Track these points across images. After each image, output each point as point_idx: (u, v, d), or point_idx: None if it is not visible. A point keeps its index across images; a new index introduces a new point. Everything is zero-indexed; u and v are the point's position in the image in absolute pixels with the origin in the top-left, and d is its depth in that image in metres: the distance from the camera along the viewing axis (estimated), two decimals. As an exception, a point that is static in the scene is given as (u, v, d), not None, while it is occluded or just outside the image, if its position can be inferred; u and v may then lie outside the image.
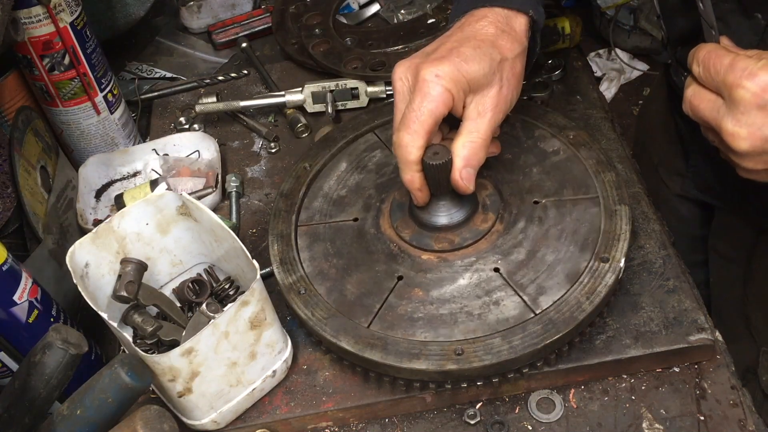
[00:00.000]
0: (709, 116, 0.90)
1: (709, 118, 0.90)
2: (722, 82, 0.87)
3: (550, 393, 0.98)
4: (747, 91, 0.83)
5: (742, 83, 0.84)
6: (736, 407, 0.95)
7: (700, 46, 0.92)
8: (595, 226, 1.02)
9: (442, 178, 1.00)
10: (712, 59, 0.88)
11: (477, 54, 0.96)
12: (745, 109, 0.84)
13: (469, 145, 0.97)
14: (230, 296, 1.06)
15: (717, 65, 0.87)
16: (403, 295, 1.01)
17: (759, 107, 0.83)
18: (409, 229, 1.07)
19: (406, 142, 0.96)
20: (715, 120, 0.89)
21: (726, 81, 0.86)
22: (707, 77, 0.89)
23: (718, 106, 0.88)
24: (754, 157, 0.87)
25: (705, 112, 0.90)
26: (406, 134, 0.96)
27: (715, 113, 0.89)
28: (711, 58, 0.89)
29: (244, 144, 1.40)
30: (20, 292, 0.98)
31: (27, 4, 1.20)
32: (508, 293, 0.99)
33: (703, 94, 0.91)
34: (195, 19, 1.71)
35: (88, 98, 1.33)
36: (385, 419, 1.00)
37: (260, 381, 0.98)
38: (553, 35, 1.40)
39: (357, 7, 1.65)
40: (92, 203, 1.33)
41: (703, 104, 0.91)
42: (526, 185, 1.10)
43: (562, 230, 1.04)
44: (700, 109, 0.91)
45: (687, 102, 0.93)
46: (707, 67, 0.89)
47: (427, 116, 0.95)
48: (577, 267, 0.98)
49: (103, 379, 0.83)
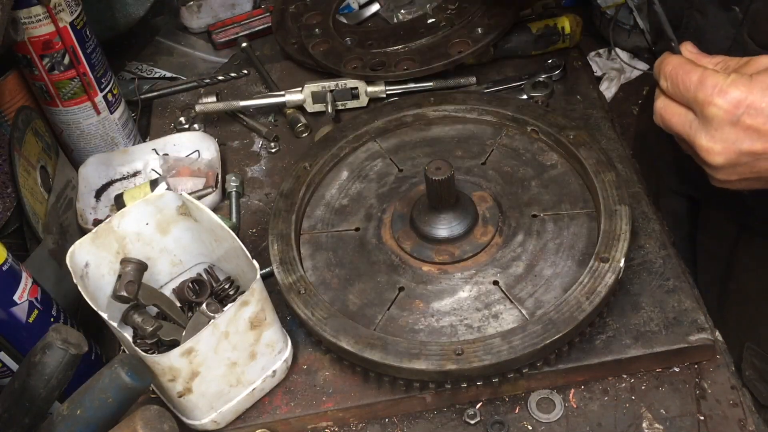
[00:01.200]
0: (682, 130, 0.90)
1: (682, 132, 0.90)
2: (693, 98, 0.87)
3: (550, 393, 0.98)
4: (719, 108, 0.84)
5: (713, 101, 0.84)
6: (736, 407, 0.95)
7: (666, 60, 0.91)
8: (592, 241, 1.03)
9: (444, 192, 1.02)
10: (680, 75, 0.88)
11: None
12: (718, 126, 0.84)
13: None
14: (230, 296, 1.06)
15: (686, 81, 0.87)
16: (405, 306, 1.02)
17: (731, 123, 0.83)
18: (410, 240, 1.07)
19: None
20: (688, 134, 0.89)
21: (697, 98, 0.86)
22: (676, 92, 0.89)
23: (689, 120, 0.88)
24: (727, 169, 0.87)
25: (677, 126, 0.90)
26: None
27: (687, 128, 0.89)
28: (679, 73, 0.88)
29: (244, 144, 1.40)
30: (20, 292, 0.98)
31: (27, 3, 1.20)
32: (507, 306, 1.00)
33: (672, 107, 0.91)
34: (195, 19, 1.71)
35: (88, 98, 1.33)
36: (385, 419, 1.00)
37: (260, 381, 0.98)
38: (553, 35, 1.40)
39: (357, 7, 1.65)
40: (92, 203, 1.33)
41: (674, 118, 0.91)
42: (524, 198, 1.11)
43: (559, 244, 1.05)
44: (672, 123, 0.91)
45: (658, 115, 0.93)
46: (676, 83, 0.89)
47: None
48: (574, 281, 0.98)
49: (103, 379, 0.83)
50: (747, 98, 0.82)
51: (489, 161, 1.18)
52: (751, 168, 0.86)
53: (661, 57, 0.93)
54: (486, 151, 1.19)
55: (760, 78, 0.83)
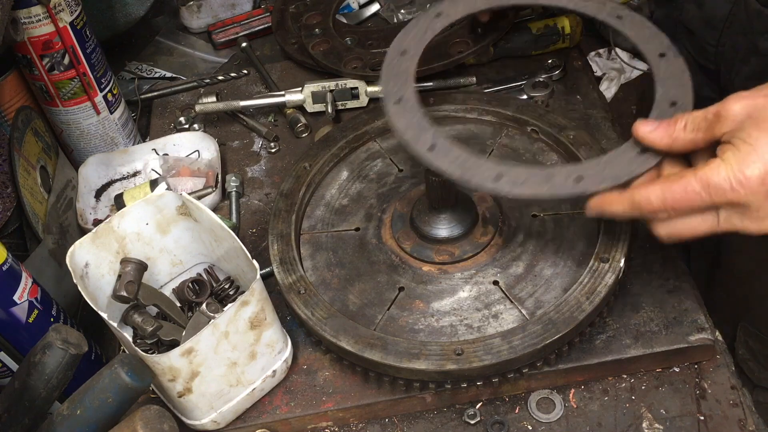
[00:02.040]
0: (718, 230, 0.82)
1: (719, 231, 0.82)
2: (711, 204, 0.79)
3: (550, 393, 0.98)
4: (750, 194, 0.77)
5: (740, 193, 0.77)
6: (736, 407, 0.95)
7: (645, 196, 0.83)
8: (592, 241, 1.03)
9: (444, 192, 1.02)
10: (677, 197, 0.80)
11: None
12: (758, 205, 0.77)
13: None
14: (230, 296, 1.06)
15: (690, 198, 0.80)
16: (405, 306, 1.02)
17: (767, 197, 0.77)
18: (410, 240, 1.07)
19: None
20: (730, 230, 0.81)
21: (716, 201, 0.79)
22: (686, 211, 0.82)
23: (721, 220, 0.81)
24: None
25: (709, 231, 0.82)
26: None
27: (725, 226, 0.81)
28: (674, 198, 0.81)
29: (244, 144, 1.40)
30: (20, 292, 0.98)
31: (27, 3, 1.20)
32: (507, 306, 1.00)
33: (689, 222, 0.82)
34: (195, 19, 1.71)
35: (87, 98, 1.33)
36: (385, 419, 1.00)
37: (260, 381, 0.98)
38: (553, 35, 1.40)
39: (357, 7, 1.65)
40: (92, 203, 1.33)
41: (701, 227, 0.82)
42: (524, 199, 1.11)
43: (559, 245, 1.05)
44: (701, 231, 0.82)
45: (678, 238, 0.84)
46: (680, 206, 0.81)
47: None
48: (574, 282, 0.98)
49: (103, 379, 0.83)
50: (765, 165, 0.76)
51: (489, 161, 1.18)
52: None
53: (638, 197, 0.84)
54: (486, 151, 1.19)
55: (758, 142, 0.77)
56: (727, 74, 1.12)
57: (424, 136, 0.97)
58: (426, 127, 0.98)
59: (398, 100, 1.01)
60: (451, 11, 1.11)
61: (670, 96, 0.95)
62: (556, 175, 0.90)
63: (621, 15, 1.06)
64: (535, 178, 0.90)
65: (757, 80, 1.08)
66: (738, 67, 1.10)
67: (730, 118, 0.79)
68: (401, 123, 0.99)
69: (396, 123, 0.99)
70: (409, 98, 1.01)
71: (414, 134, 0.97)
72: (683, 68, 0.98)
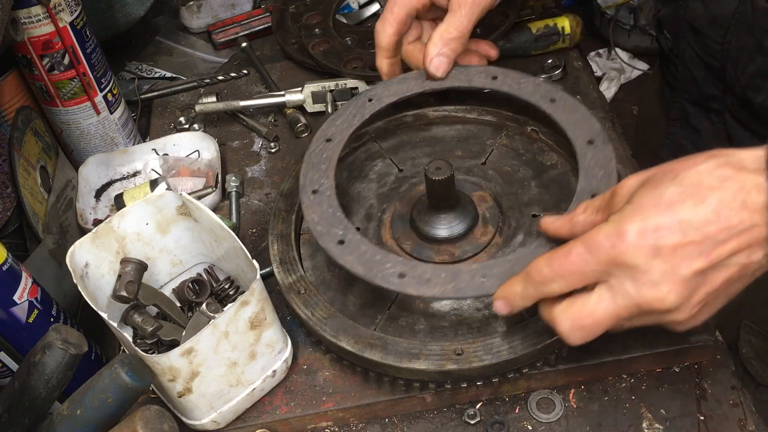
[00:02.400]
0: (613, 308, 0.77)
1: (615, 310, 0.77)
2: (596, 269, 0.76)
3: (550, 393, 0.98)
4: (630, 251, 0.73)
5: (619, 250, 0.73)
6: (736, 407, 0.95)
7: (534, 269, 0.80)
8: None
9: (444, 192, 1.02)
10: (561, 262, 0.77)
11: None
12: (645, 268, 0.73)
13: (445, 35, 1.08)
14: (230, 296, 1.06)
15: (574, 262, 0.76)
16: (405, 306, 1.02)
17: (654, 256, 0.73)
18: (410, 240, 1.07)
19: (379, 30, 1.12)
20: (625, 304, 0.76)
21: (600, 263, 0.75)
22: (575, 281, 0.78)
23: (613, 291, 0.76)
24: (685, 305, 0.75)
25: (606, 306, 0.77)
26: (379, 23, 1.12)
27: (619, 300, 0.76)
28: (560, 263, 0.78)
29: (244, 144, 1.40)
30: (20, 292, 0.98)
31: (27, 3, 1.20)
32: None
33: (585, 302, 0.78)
34: (195, 19, 1.71)
35: (87, 98, 1.33)
36: (385, 419, 1.00)
37: (260, 381, 0.98)
38: (553, 35, 1.40)
39: (357, 7, 1.65)
40: (92, 203, 1.33)
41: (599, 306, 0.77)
42: (524, 199, 1.11)
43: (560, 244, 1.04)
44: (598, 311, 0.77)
45: (577, 323, 0.78)
46: (565, 272, 0.77)
47: (399, 8, 1.10)
48: None
49: (103, 379, 0.83)
50: (648, 224, 0.73)
51: (489, 161, 1.18)
52: (704, 288, 0.74)
53: (529, 268, 0.81)
54: (486, 151, 1.19)
55: (642, 199, 0.75)
56: (733, 72, 1.12)
57: (334, 230, 0.97)
58: (338, 220, 0.99)
59: (315, 191, 1.02)
60: (383, 96, 1.13)
61: (593, 188, 0.95)
62: (461, 273, 0.90)
63: (554, 98, 1.08)
64: (439, 277, 0.90)
65: (762, 79, 1.08)
66: (744, 66, 1.10)
67: (624, 192, 0.79)
68: (315, 215, 1.00)
69: (309, 214, 1.00)
70: (327, 189, 1.02)
71: (325, 227, 0.98)
72: (610, 156, 0.98)
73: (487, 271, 0.90)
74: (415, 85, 1.13)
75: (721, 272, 0.73)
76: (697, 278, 0.73)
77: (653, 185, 0.75)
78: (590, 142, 1.01)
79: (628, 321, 0.78)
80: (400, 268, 0.92)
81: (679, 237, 0.72)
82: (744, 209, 0.71)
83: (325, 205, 1.01)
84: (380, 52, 1.14)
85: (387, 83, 1.15)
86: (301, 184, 1.04)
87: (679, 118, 1.29)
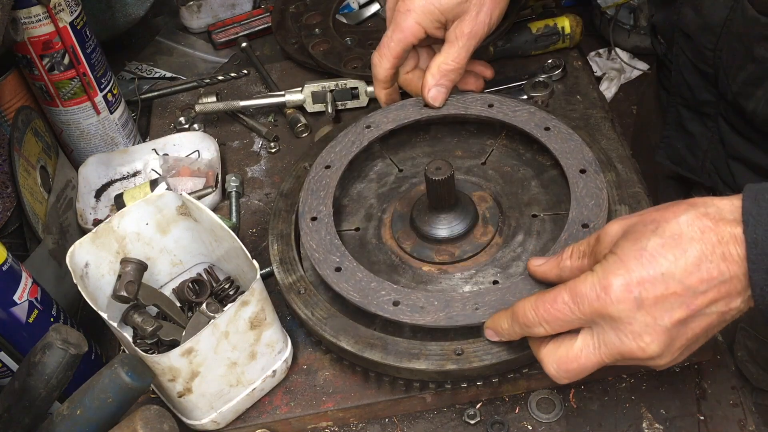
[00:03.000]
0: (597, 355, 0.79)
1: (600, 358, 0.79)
2: (581, 317, 0.78)
3: (550, 393, 0.98)
4: (616, 304, 0.75)
5: (604, 302, 0.76)
6: (736, 407, 0.95)
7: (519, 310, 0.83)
8: None
9: (444, 192, 1.02)
10: (549, 308, 0.80)
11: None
12: (628, 319, 0.76)
13: (443, 67, 1.11)
14: (230, 296, 1.06)
15: (560, 309, 0.79)
16: None
17: (638, 308, 0.75)
18: (410, 240, 1.07)
19: (376, 63, 1.15)
20: (610, 353, 0.78)
21: (585, 313, 0.78)
22: (560, 325, 0.81)
23: (597, 339, 0.79)
24: (666, 352, 0.77)
25: (590, 353, 0.80)
26: (376, 56, 1.15)
27: (602, 347, 0.79)
28: (547, 308, 0.80)
29: (244, 144, 1.40)
30: (20, 292, 0.98)
31: (27, 4, 1.20)
32: None
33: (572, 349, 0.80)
34: (195, 19, 1.71)
35: (87, 98, 1.33)
36: (385, 419, 1.00)
37: (260, 381, 0.98)
38: (553, 35, 1.40)
39: (357, 7, 1.65)
40: (92, 203, 1.33)
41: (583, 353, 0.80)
42: (524, 199, 1.11)
43: None
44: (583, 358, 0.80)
45: (563, 369, 0.81)
46: (552, 318, 0.80)
47: (396, 44, 1.12)
48: None
49: (103, 379, 0.83)
50: (631, 277, 0.75)
51: (489, 161, 1.18)
52: (685, 336, 0.77)
53: (516, 308, 0.84)
54: (486, 151, 1.19)
55: (625, 251, 0.77)
56: (725, 79, 1.12)
57: (331, 257, 1.00)
58: (336, 247, 1.01)
59: (314, 218, 1.05)
60: (381, 123, 1.16)
61: (583, 217, 0.98)
62: (454, 301, 0.93)
63: (548, 126, 1.10)
64: (432, 305, 0.93)
65: (753, 86, 1.08)
66: (735, 73, 1.10)
67: (608, 239, 0.81)
68: (313, 241, 1.03)
69: (308, 241, 1.03)
70: (325, 217, 1.05)
71: (322, 255, 1.01)
72: (601, 186, 1.01)
73: (479, 299, 0.93)
74: (413, 112, 1.17)
75: (701, 320, 0.76)
76: (678, 327, 0.76)
77: (636, 237, 0.77)
78: (582, 171, 1.04)
79: (612, 364, 0.80)
80: (395, 296, 0.95)
81: (662, 289, 0.74)
82: (723, 261, 0.73)
83: (323, 232, 1.04)
84: (378, 83, 1.17)
85: (385, 110, 1.18)
86: (299, 211, 1.07)
87: (674, 122, 1.30)
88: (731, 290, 0.74)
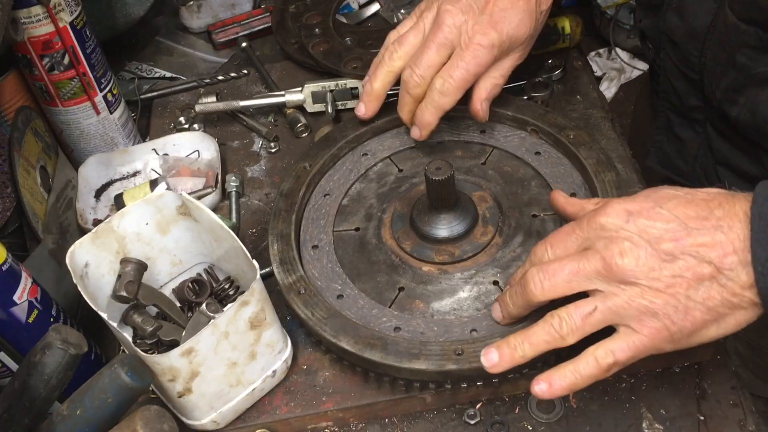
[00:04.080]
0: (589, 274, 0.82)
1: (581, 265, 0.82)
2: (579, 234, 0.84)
3: (550, 393, 0.98)
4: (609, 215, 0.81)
5: (598, 214, 0.82)
6: (736, 407, 0.95)
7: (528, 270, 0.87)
8: None
9: (444, 192, 1.02)
10: (554, 234, 0.87)
11: (522, 17, 1.09)
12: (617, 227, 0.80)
13: (492, 82, 1.12)
14: (230, 296, 1.06)
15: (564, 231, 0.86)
16: (405, 306, 1.02)
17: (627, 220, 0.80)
18: (410, 240, 1.07)
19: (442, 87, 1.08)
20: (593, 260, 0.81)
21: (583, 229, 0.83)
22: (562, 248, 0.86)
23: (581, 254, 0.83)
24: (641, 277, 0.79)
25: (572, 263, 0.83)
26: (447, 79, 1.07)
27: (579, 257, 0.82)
28: (553, 235, 0.87)
29: (244, 144, 1.40)
30: (20, 292, 0.98)
31: (27, 3, 1.20)
32: None
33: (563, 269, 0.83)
34: (195, 19, 1.71)
35: (87, 98, 1.33)
36: (385, 419, 1.00)
37: (260, 381, 0.98)
38: (553, 35, 1.40)
39: (357, 7, 1.65)
40: (92, 203, 1.33)
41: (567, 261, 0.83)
42: (524, 198, 1.11)
43: None
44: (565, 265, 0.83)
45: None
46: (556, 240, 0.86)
47: (472, 78, 1.09)
48: None
49: (103, 379, 0.83)
50: (633, 204, 0.81)
51: (489, 161, 1.18)
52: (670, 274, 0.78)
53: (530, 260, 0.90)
54: (486, 151, 1.19)
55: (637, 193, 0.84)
56: (710, 85, 1.13)
57: (333, 284, 1.03)
58: (337, 275, 1.05)
59: (315, 246, 1.08)
60: (377, 150, 1.21)
61: None
62: (453, 326, 0.97)
63: (539, 151, 1.15)
64: (432, 330, 0.96)
65: (735, 93, 1.09)
66: (718, 80, 1.10)
67: None
68: (315, 270, 1.06)
69: (310, 270, 1.05)
70: (326, 245, 1.09)
71: (324, 282, 1.04)
72: None
73: (476, 324, 0.96)
74: (408, 140, 1.20)
75: (689, 264, 0.77)
76: (660, 256, 0.77)
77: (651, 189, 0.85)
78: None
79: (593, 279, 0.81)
80: (395, 322, 0.98)
81: (654, 213, 0.79)
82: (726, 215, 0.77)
83: (324, 260, 1.07)
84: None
85: (381, 138, 1.21)
86: (301, 240, 1.10)
87: (664, 127, 1.30)
88: (726, 246, 0.75)
